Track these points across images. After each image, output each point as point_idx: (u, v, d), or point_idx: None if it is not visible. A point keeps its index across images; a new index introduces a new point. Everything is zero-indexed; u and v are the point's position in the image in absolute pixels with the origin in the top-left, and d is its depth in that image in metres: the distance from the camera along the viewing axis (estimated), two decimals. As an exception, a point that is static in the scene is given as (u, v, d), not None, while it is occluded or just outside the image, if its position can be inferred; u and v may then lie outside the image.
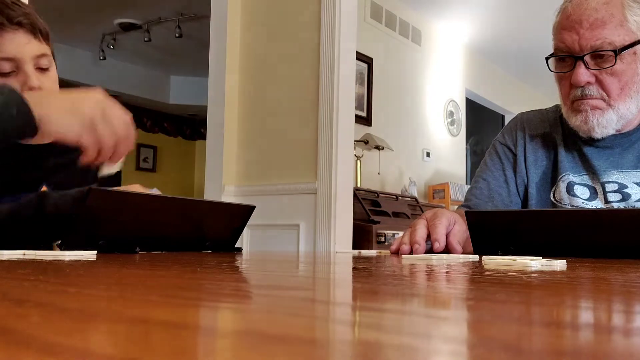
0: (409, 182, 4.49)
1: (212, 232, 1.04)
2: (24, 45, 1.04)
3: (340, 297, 0.35)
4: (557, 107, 1.30)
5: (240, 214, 1.09)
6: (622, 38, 1.07)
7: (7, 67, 1.03)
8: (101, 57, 5.78)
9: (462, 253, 0.95)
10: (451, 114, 5.30)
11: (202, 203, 1.19)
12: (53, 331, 0.20)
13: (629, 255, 0.80)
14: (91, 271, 0.49)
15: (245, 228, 1.22)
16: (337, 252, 2.37)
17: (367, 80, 4.24)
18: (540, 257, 0.60)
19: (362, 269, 0.60)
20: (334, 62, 2.62)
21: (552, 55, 1.17)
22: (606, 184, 1.15)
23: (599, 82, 1.10)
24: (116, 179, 1.33)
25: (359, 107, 3.97)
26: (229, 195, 2.86)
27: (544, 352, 0.17)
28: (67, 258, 0.63)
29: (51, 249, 0.85)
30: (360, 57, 3.99)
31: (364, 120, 4.18)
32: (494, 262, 0.60)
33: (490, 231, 0.96)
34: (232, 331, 0.21)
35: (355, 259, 0.84)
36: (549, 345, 0.18)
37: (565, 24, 1.11)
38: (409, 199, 4.04)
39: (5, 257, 0.64)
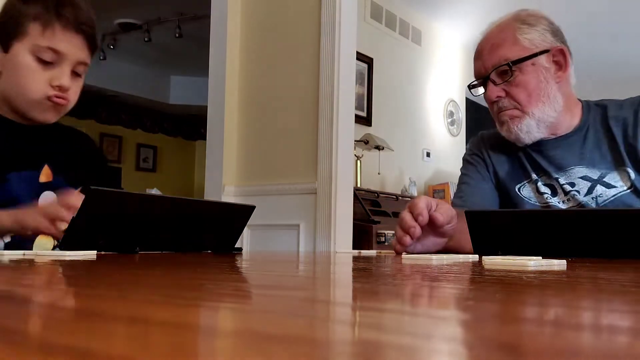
0: (409, 182, 4.49)
1: (212, 232, 1.04)
2: (75, 48, 1.10)
3: (340, 297, 0.35)
4: None
5: (240, 214, 1.09)
6: (516, 53, 1.24)
7: (49, 57, 1.07)
8: (101, 57, 5.78)
9: (462, 252, 0.95)
10: (451, 114, 5.30)
11: (202, 203, 1.19)
12: (53, 331, 0.20)
13: (629, 255, 0.80)
14: (91, 271, 0.49)
15: (245, 228, 1.22)
16: (337, 252, 2.37)
17: (367, 80, 4.24)
18: (540, 257, 0.60)
19: (362, 269, 0.60)
20: (334, 62, 2.62)
21: (469, 84, 1.37)
22: (559, 179, 1.27)
23: (509, 94, 1.26)
24: (117, 178, 1.35)
25: (359, 107, 3.97)
26: (229, 195, 2.85)
27: (544, 352, 0.17)
28: (67, 258, 0.63)
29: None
30: (360, 57, 3.99)
31: (364, 120, 4.18)
32: (494, 262, 0.60)
33: (490, 231, 0.96)
34: (232, 331, 0.21)
35: (355, 259, 0.84)
36: (549, 345, 0.18)
37: (475, 56, 1.34)
38: (409, 199, 4.04)
39: (5, 257, 0.64)
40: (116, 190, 1.05)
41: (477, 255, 0.82)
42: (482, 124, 6.62)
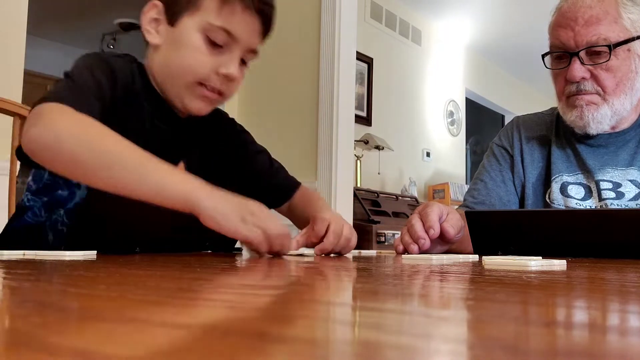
0: (409, 182, 4.49)
1: (212, 232, 1.04)
2: (251, 33, 0.94)
3: (340, 297, 0.35)
4: (553, 109, 1.31)
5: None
6: (616, 34, 1.09)
7: (221, 39, 0.92)
8: (101, 57, 5.78)
9: (462, 253, 0.95)
10: (451, 114, 5.30)
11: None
12: (53, 331, 0.20)
13: (629, 255, 0.80)
14: (91, 271, 0.49)
15: (245, 228, 1.22)
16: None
17: (367, 80, 4.24)
18: (540, 257, 0.60)
19: (362, 269, 0.60)
20: (334, 62, 2.62)
21: (548, 52, 1.19)
22: (600, 182, 1.16)
23: (594, 77, 1.12)
24: (264, 158, 1.25)
25: (359, 107, 3.97)
26: (229, 195, 2.85)
27: (544, 352, 0.17)
28: (67, 258, 0.63)
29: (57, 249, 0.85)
30: (360, 57, 3.99)
31: (364, 120, 4.18)
32: (494, 262, 0.60)
33: (490, 231, 0.96)
34: (231, 331, 0.21)
35: (355, 259, 0.84)
36: (549, 345, 0.18)
37: (560, 21, 1.14)
38: (409, 199, 4.04)
39: (5, 257, 0.64)
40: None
41: (477, 255, 0.82)
42: (482, 124, 6.63)
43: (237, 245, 1.10)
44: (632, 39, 1.10)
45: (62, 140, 0.75)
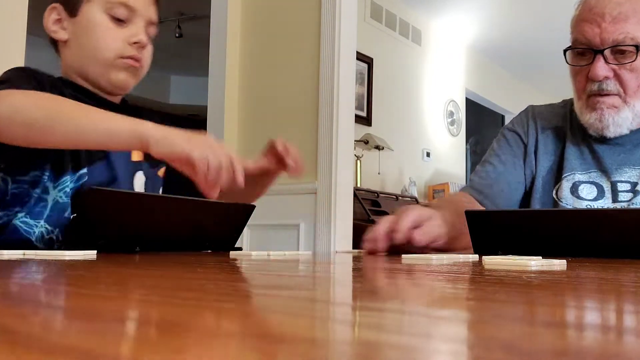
0: (409, 182, 4.49)
1: (212, 232, 1.04)
2: (146, 4, 1.03)
3: (340, 297, 0.35)
4: (565, 102, 1.28)
5: (240, 214, 1.09)
6: None
7: (123, 14, 1.00)
8: (101, 57, 5.78)
9: (456, 250, 0.94)
10: (451, 114, 5.30)
11: (202, 203, 1.19)
12: (53, 331, 0.20)
13: (629, 255, 0.80)
14: (91, 271, 0.49)
15: (245, 228, 1.22)
16: (337, 252, 2.37)
17: (367, 80, 4.24)
18: (540, 257, 0.60)
19: (362, 269, 0.60)
20: (334, 62, 2.62)
21: (570, 47, 1.14)
22: (618, 183, 1.13)
23: (617, 77, 1.08)
24: None
25: (359, 107, 3.97)
26: (229, 195, 2.85)
27: (544, 352, 0.17)
28: (67, 258, 0.63)
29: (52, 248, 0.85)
30: (360, 57, 3.99)
31: (364, 120, 4.18)
32: (494, 262, 0.60)
33: (490, 231, 0.96)
34: (232, 331, 0.21)
35: (355, 259, 0.84)
36: (549, 346, 0.18)
37: (586, 16, 1.09)
38: (409, 199, 4.04)
39: (5, 257, 0.64)
40: (116, 190, 1.05)
41: (477, 255, 0.82)
42: (482, 124, 6.63)
43: (237, 245, 1.10)
44: None
45: (17, 108, 0.84)
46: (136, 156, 1.07)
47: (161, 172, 1.15)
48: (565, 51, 1.15)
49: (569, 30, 1.16)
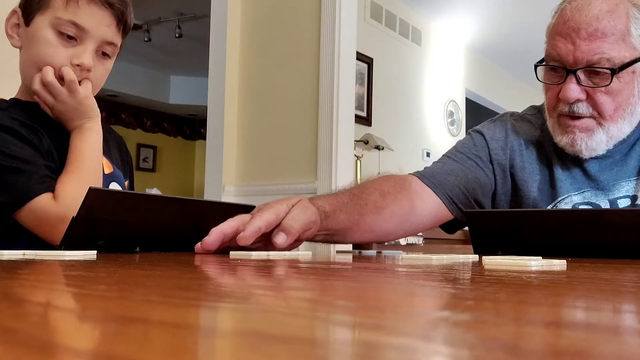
0: (409, 182, 4.49)
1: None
2: (101, 26, 1.00)
3: (339, 297, 0.35)
4: (537, 109, 1.19)
5: (240, 214, 1.09)
6: (622, 54, 0.96)
7: (71, 32, 0.98)
8: (101, 57, 5.78)
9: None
10: (451, 114, 5.30)
11: (202, 203, 1.19)
12: (53, 331, 0.20)
13: (629, 255, 0.80)
14: (91, 271, 0.49)
15: (246, 228, 1.22)
16: (337, 252, 2.37)
17: (367, 80, 4.24)
18: (540, 257, 0.60)
19: (362, 269, 0.60)
20: (334, 62, 2.62)
21: (541, 62, 1.07)
22: (618, 200, 1.05)
23: (591, 99, 0.99)
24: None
25: (359, 107, 3.97)
26: (229, 195, 2.85)
27: (544, 353, 0.17)
28: (67, 258, 0.63)
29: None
30: (360, 57, 3.99)
31: (364, 120, 4.18)
32: (494, 262, 0.60)
33: (490, 231, 0.96)
34: (232, 331, 0.21)
35: (355, 259, 0.84)
36: (549, 346, 0.18)
37: (561, 29, 0.99)
38: (409, 199, 4.03)
39: (5, 257, 0.64)
40: (116, 190, 1.05)
41: (477, 255, 0.82)
42: (482, 124, 6.63)
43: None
44: (638, 60, 0.97)
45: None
46: (107, 169, 1.09)
47: (126, 184, 1.18)
48: (536, 66, 1.07)
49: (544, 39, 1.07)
